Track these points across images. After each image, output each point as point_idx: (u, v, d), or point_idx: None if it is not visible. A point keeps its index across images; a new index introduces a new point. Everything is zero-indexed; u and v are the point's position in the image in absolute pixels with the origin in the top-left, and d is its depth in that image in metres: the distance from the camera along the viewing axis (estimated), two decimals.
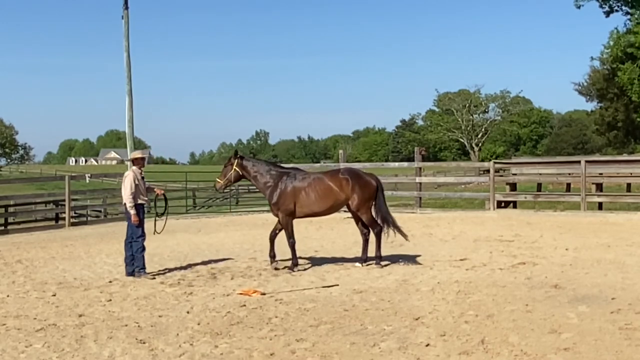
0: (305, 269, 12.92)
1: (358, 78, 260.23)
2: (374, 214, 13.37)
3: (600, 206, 24.68)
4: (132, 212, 12.53)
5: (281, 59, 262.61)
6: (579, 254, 13.87)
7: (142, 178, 12.96)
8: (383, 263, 13.03)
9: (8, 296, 10.98)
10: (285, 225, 13.05)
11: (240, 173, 13.33)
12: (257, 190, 14.48)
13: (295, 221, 13.15)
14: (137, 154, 13.26)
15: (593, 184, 25.73)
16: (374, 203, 13.38)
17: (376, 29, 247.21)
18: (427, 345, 7.63)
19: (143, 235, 12.68)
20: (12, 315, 9.65)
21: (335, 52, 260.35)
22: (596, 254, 13.86)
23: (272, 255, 13.10)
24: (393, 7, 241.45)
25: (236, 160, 13.33)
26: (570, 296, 9.90)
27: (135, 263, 12.55)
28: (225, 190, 14.17)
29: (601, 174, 25.79)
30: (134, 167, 12.94)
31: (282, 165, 14.65)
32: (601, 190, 25.86)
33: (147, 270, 12.56)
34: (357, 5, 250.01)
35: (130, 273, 12.51)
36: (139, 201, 12.68)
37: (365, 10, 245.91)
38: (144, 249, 12.64)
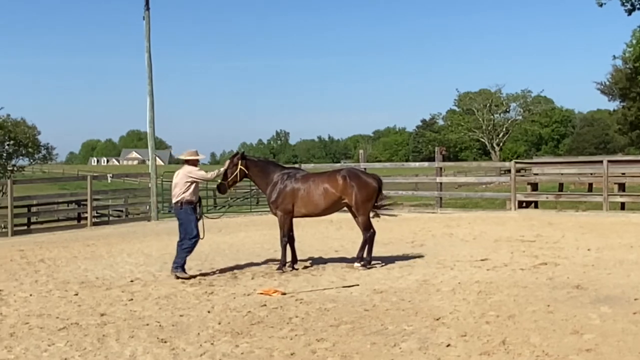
0: (325, 269, 12.93)
1: (378, 78, 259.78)
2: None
3: (622, 206, 24.51)
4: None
5: (301, 59, 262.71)
6: (601, 255, 13.77)
7: None
8: (369, 266, 12.93)
9: (31, 295, 11.07)
10: (282, 225, 13.02)
11: (246, 172, 13.13)
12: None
13: (315, 221, 13.15)
14: (194, 156, 12.89)
15: (615, 184, 25.58)
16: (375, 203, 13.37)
17: (397, 29, 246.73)
18: (448, 345, 7.61)
19: (197, 236, 12.44)
20: (35, 314, 9.73)
21: (355, 53, 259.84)
22: (619, 254, 13.76)
23: (294, 260, 13.12)
24: (414, 7, 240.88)
25: (240, 161, 13.10)
26: (592, 297, 9.83)
27: (175, 259, 12.38)
28: (229, 191, 13.69)
29: (624, 173, 25.62)
30: (187, 167, 12.67)
31: (284, 165, 14.62)
32: (624, 190, 25.68)
33: (170, 271, 12.53)
34: (377, 5, 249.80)
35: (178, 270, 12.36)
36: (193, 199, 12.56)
37: (385, 10, 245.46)
38: (192, 249, 12.45)
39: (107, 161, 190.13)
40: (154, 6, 26.18)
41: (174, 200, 12.57)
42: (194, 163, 12.84)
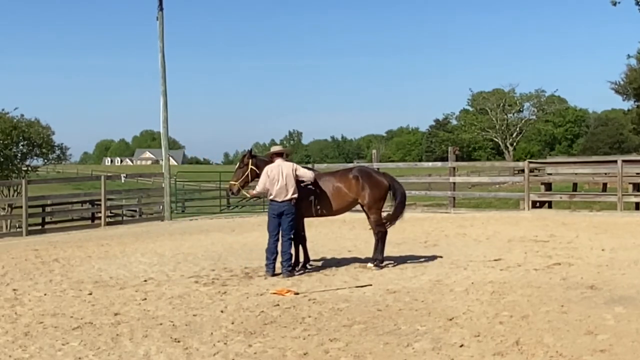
0: (338, 269, 12.93)
1: (391, 78, 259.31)
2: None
3: (637, 206, 24.40)
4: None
5: (313, 60, 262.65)
6: (615, 255, 13.71)
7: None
8: (381, 265, 12.91)
9: (45, 295, 11.13)
10: (296, 225, 13.01)
11: (257, 172, 12.87)
12: None
13: (328, 221, 13.13)
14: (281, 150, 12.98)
15: (630, 183, 25.46)
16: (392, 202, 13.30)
17: (410, 29, 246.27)
18: (461, 345, 7.60)
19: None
20: (49, 313, 9.79)
21: (367, 53, 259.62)
22: (633, 254, 13.68)
23: (306, 259, 13.12)
24: (426, 6, 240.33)
25: (250, 160, 13.01)
26: (606, 297, 9.79)
27: (286, 262, 12.38)
28: (242, 193, 13.37)
29: (638, 173, 25.50)
30: (291, 163, 12.63)
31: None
32: (638, 190, 25.53)
33: (183, 270, 12.56)
34: (391, 6, 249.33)
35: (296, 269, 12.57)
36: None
37: (399, 11, 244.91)
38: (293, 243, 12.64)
39: (121, 161, 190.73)
40: (167, 7, 26.24)
41: (287, 197, 12.30)
42: (281, 157, 12.65)
